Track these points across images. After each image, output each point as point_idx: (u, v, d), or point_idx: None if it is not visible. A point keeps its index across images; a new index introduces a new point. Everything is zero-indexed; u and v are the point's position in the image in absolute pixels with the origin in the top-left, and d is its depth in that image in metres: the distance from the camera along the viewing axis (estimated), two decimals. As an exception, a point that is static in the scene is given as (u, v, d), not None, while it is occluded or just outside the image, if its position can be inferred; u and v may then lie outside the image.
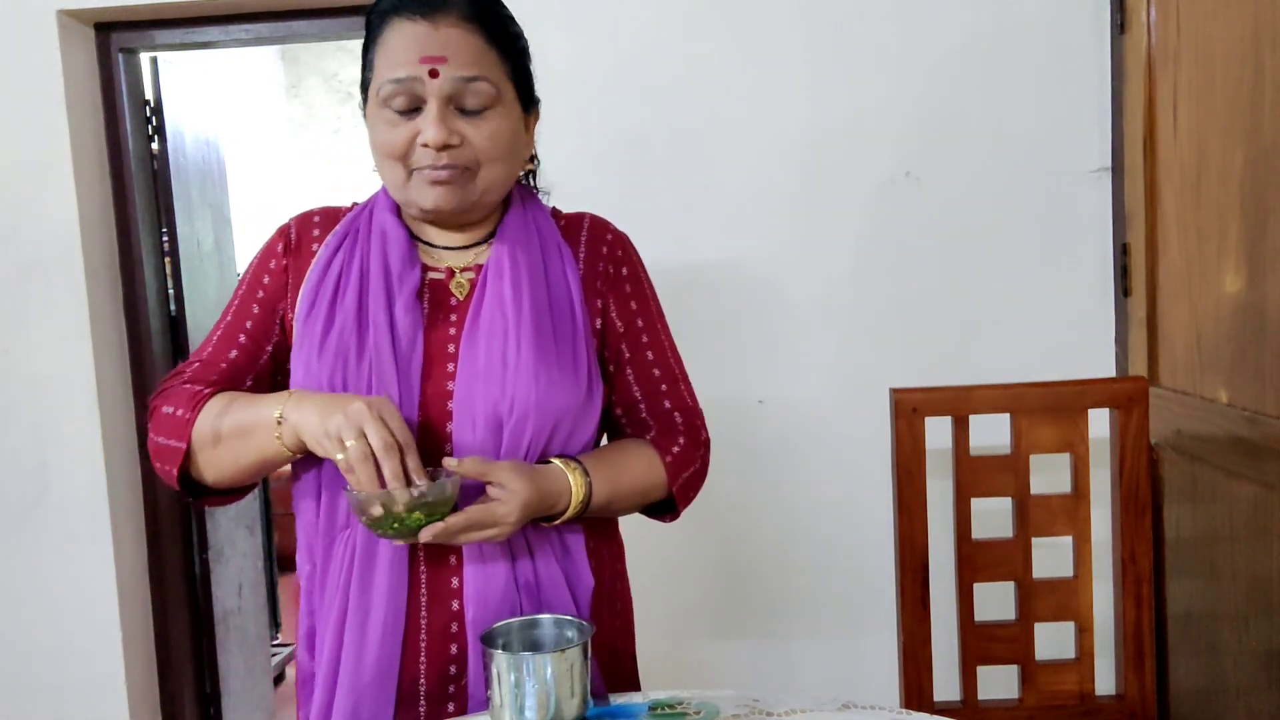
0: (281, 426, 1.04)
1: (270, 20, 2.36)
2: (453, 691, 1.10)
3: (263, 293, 1.16)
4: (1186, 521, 1.71)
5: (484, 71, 1.06)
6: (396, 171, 1.09)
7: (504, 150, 1.09)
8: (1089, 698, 1.67)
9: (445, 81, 1.04)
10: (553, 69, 2.19)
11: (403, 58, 1.05)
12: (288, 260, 1.16)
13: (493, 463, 1.03)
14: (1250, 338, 1.52)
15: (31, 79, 2.26)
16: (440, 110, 1.05)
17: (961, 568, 1.67)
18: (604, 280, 1.19)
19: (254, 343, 1.15)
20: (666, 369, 1.21)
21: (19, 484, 2.36)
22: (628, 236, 1.24)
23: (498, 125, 1.08)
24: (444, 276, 1.14)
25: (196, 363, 1.16)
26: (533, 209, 1.19)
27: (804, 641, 2.21)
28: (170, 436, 1.10)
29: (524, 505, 1.02)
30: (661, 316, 1.24)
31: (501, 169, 1.10)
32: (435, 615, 1.09)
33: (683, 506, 1.20)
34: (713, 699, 1.07)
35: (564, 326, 1.12)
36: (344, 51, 5.19)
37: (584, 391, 1.11)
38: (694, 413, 1.22)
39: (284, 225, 1.19)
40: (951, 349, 2.12)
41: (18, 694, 2.40)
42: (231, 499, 1.19)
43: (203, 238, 2.77)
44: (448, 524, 1.00)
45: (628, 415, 1.21)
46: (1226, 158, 1.58)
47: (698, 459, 1.19)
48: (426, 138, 1.05)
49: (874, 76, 2.10)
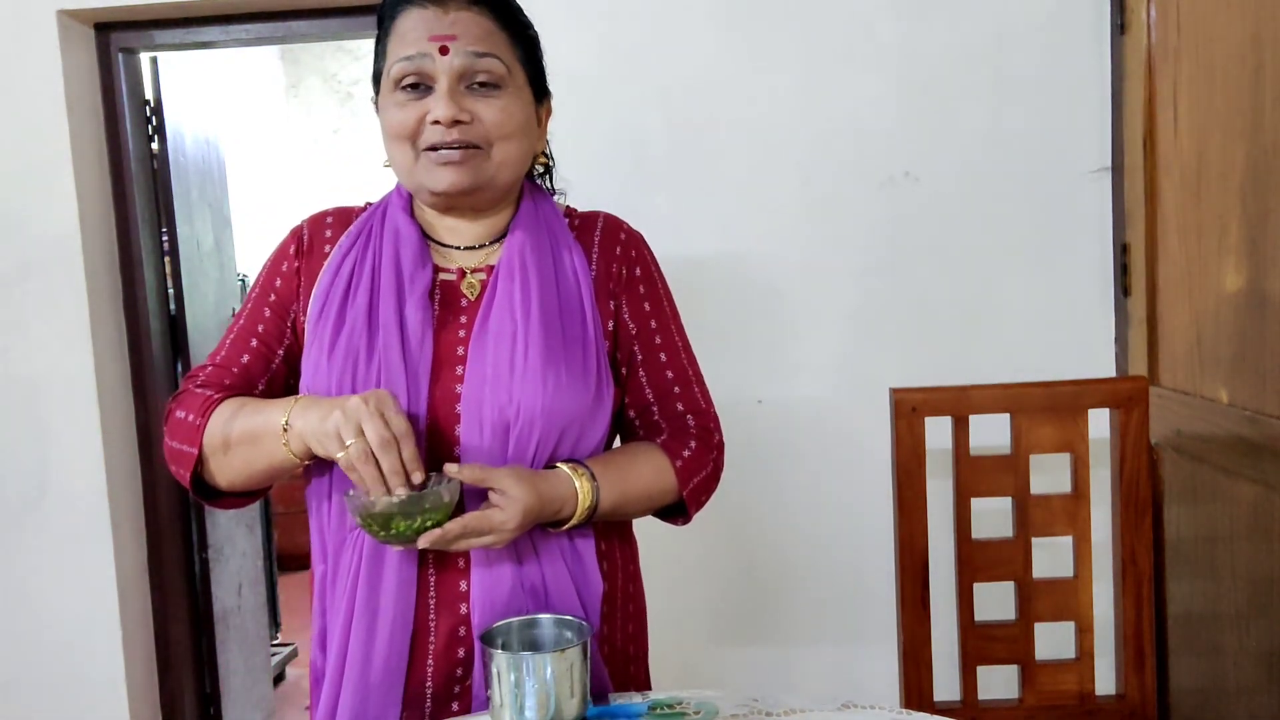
0: (287, 433, 1.04)
1: (270, 20, 2.36)
2: (458, 692, 1.10)
3: (274, 296, 1.16)
4: (1187, 521, 1.71)
5: (494, 49, 1.07)
6: (405, 153, 1.09)
7: (515, 128, 1.09)
8: (1089, 698, 1.66)
9: (455, 58, 1.05)
10: (552, 68, 2.18)
11: (412, 37, 1.06)
12: (300, 263, 1.16)
13: (493, 469, 1.03)
14: (1250, 338, 1.52)
15: (31, 79, 2.26)
16: (451, 86, 1.06)
17: (961, 568, 1.67)
18: (617, 281, 1.18)
19: (266, 346, 1.16)
20: (680, 370, 1.20)
21: (19, 484, 2.36)
22: (642, 236, 1.23)
23: (508, 102, 1.08)
24: (455, 278, 1.14)
25: (210, 366, 1.16)
26: (545, 208, 1.19)
27: (804, 641, 2.21)
28: (183, 441, 1.11)
29: (524, 512, 1.02)
30: (676, 317, 1.23)
31: (515, 148, 1.10)
32: (444, 619, 1.09)
33: (694, 510, 1.19)
34: (712, 699, 1.07)
35: (574, 329, 1.12)
36: (344, 51, 5.19)
37: (593, 395, 1.11)
38: (707, 415, 1.21)
39: (297, 227, 1.19)
40: (951, 349, 2.12)
41: (18, 694, 2.40)
42: (244, 502, 1.19)
43: (203, 238, 2.77)
44: (445, 530, 1.00)
45: (641, 417, 1.20)
46: (1226, 157, 1.58)
47: (709, 462, 1.18)
48: (437, 114, 1.05)
49: (874, 76, 2.10)
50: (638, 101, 2.15)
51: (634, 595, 1.23)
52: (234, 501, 1.18)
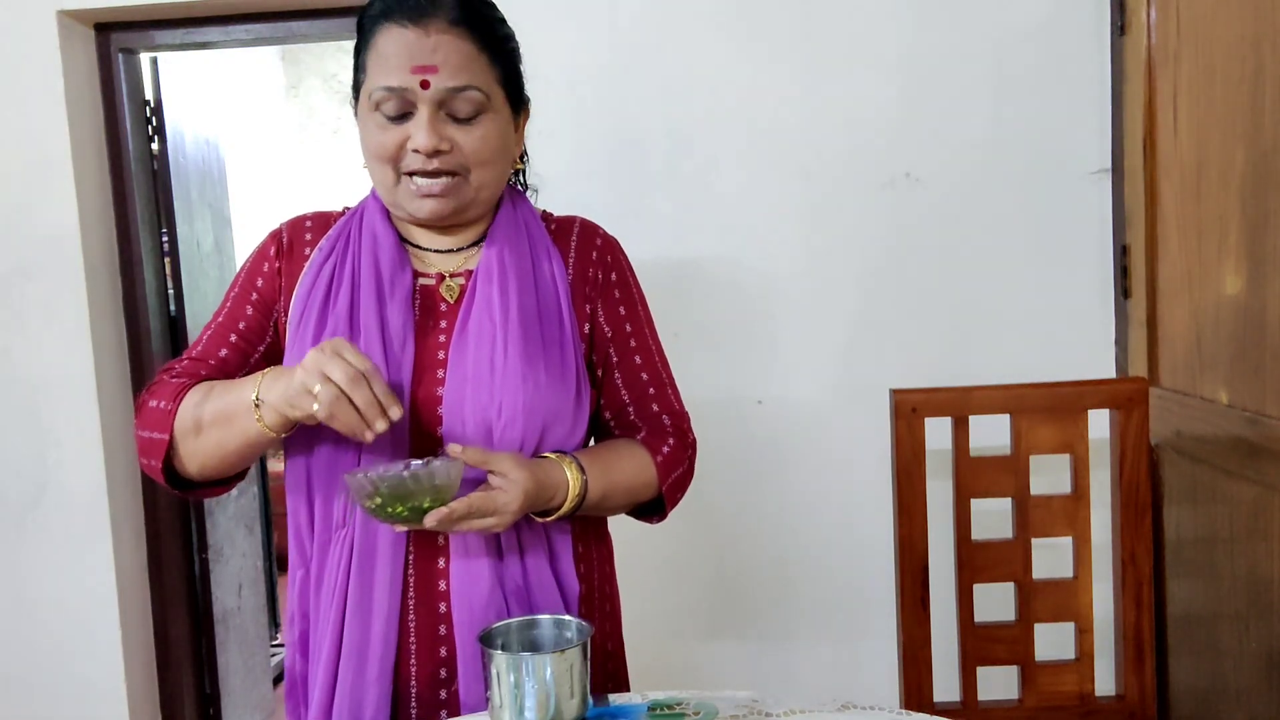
0: (260, 408, 1.04)
1: (270, 20, 2.36)
2: (444, 697, 1.11)
3: (257, 294, 1.17)
4: (1186, 522, 1.71)
5: (474, 80, 1.07)
6: (387, 174, 1.10)
7: (493, 154, 1.11)
8: (1089, 698, 1.67)
9: (436, 91, 1.06)
10: (551, 69, 2.19)
11: (394, 64, 1.06)
12: (280, 263, 1.16)
13: (494, 453, 1.04)
14: (1250, 338, 1.52)
15: (31, 79, 2.27)
16: (431, 117, 1.06)
17: (961, 568, 1.67)
18: (593, 285, 1.19)
19: (246, 342, 1.16)
20: (654, 373, 1.23)
21: (19, 484, 2.36)
22: (617, 241, 1.25)
23: (487, 130, 1.10)
24: (434, 282, 1.15)
25: (187, 359, 1.16)
26: (523, 211, 1.20)
27: (803, 642, 2.21)
28: (153, 429, 1.11)
29: (525, 495, 1.03)
30: (650, 321, 1.25)
31: (492, 172, 1.12)
32: (423, 617, 1.10)
33: (670, 507, 1.21)
34: (712, 699, 1.07)
35: (552, 331, 1.13)
36: (344, 52, 5.18)
37: (573, 395, 1.12)
38: (681, 416, 1.23)
39: (276, 229, 1.20)
40: (951, 349, 2.12)
41: (18, 694, 2.40)
42: (216, 491, 1.18)
43: (202, 238, 2.77)
44: (451, 509, 1.00)
45: (616, 419, 1.22)
46: (1226, 158, 1.58)
47: (685, 460, 1.21)
48: (417, 143, 1.06)
49: (875, 77, 2.10)
50: (638, 101, 2.15)
51: (610, 595, 1.25)
52: (204, 491, 1.17)
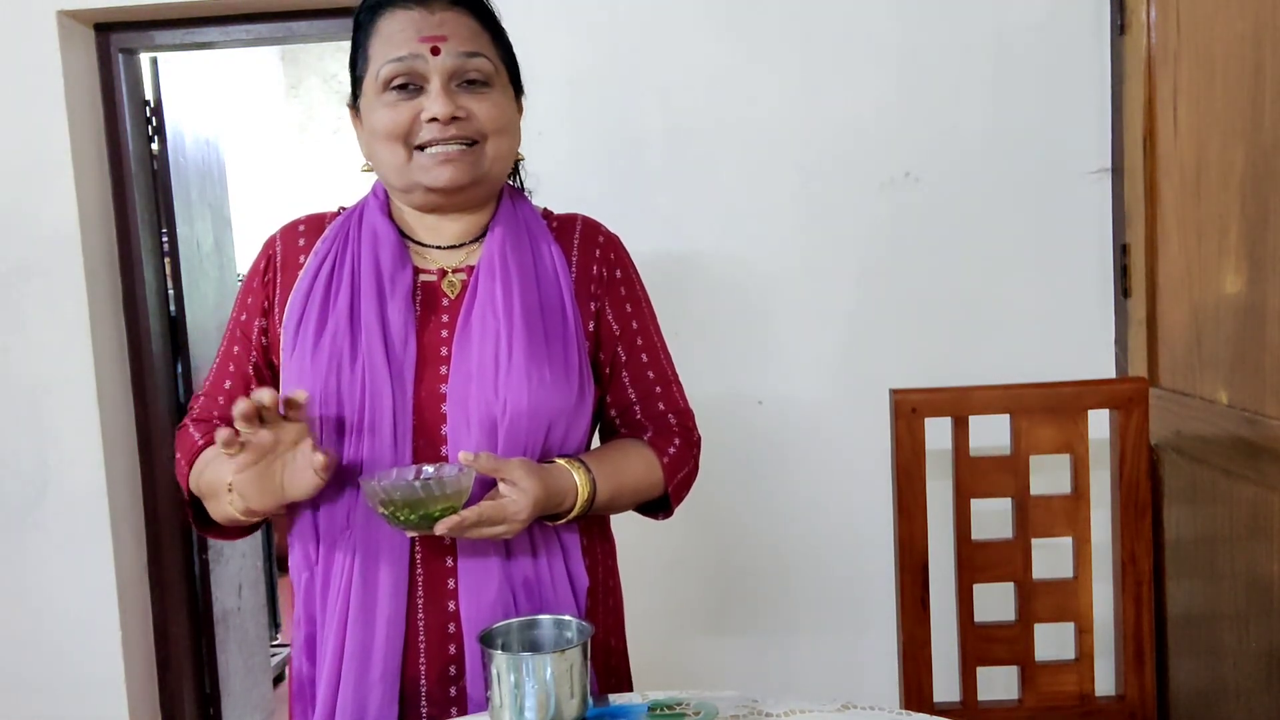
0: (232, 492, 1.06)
1: (270, 20, 2.36)
2: (454, 694, 1.11)
3: (245, 315, 1.18)
4: (1186, 522, 1.71)
5: (481, 48, 1.10)
6: (398, 153, 1.10)
7: (507, 123, 1.13)
8: (1089, 699, 1.67)
9: (447, 58, 1.07)
10: (550, 68, 2.19)
11: (401, 38, 1.08)
12: (270, 275, 1.17)
13: (505, 460, 1.04)
14: (1250, 338, 1.52)
15: (31, 79, 2.26)
16: (444, 85, 1.08)
17: (961, 568, 1.67)
18: (598, 283, 1.19)
19: (241, 375, 1.18)
20: (660, 371, 1.23)
21: (19, 484, 2.35)
22: (619, 238, 1.25)
23: (499, 98, 1.12)
24: (435, 278, 1.15)
25: (202, 396, 1.20)
26: (522, 208, 1.20)
27: (803, 642, 2.21)
28: (181, 480, 1.17)
29: (535, 503, 1.03)
30: (654, 319, 1.25)
31: (507, 143, 1.14)
32: (432, 616, 1.09)
33: (676, 505, 1.22)
34: (712, 699, 1.07)
35: (555, 327, 1.13)
36: (344, 52, 5.09)
37: (576, 391, 1.12)
38: (686, 414, 1.24)
39: (269, 240, 1.20)
40: (951, 349, 2.12)
41: (18, 694, 2.39)
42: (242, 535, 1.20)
43: (202, 238, 2.77)
44: (462, 517, 1.00)
45: (622, 417, 1.22)
46: (1226, 158, 1.58)
47: (691, 459, 1.22)
48: (434, 111, 1.07)
49: (874, 77, 2.10)
50: (637, 101, 2.15)
51: (613, 590, 1.25)
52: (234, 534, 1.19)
